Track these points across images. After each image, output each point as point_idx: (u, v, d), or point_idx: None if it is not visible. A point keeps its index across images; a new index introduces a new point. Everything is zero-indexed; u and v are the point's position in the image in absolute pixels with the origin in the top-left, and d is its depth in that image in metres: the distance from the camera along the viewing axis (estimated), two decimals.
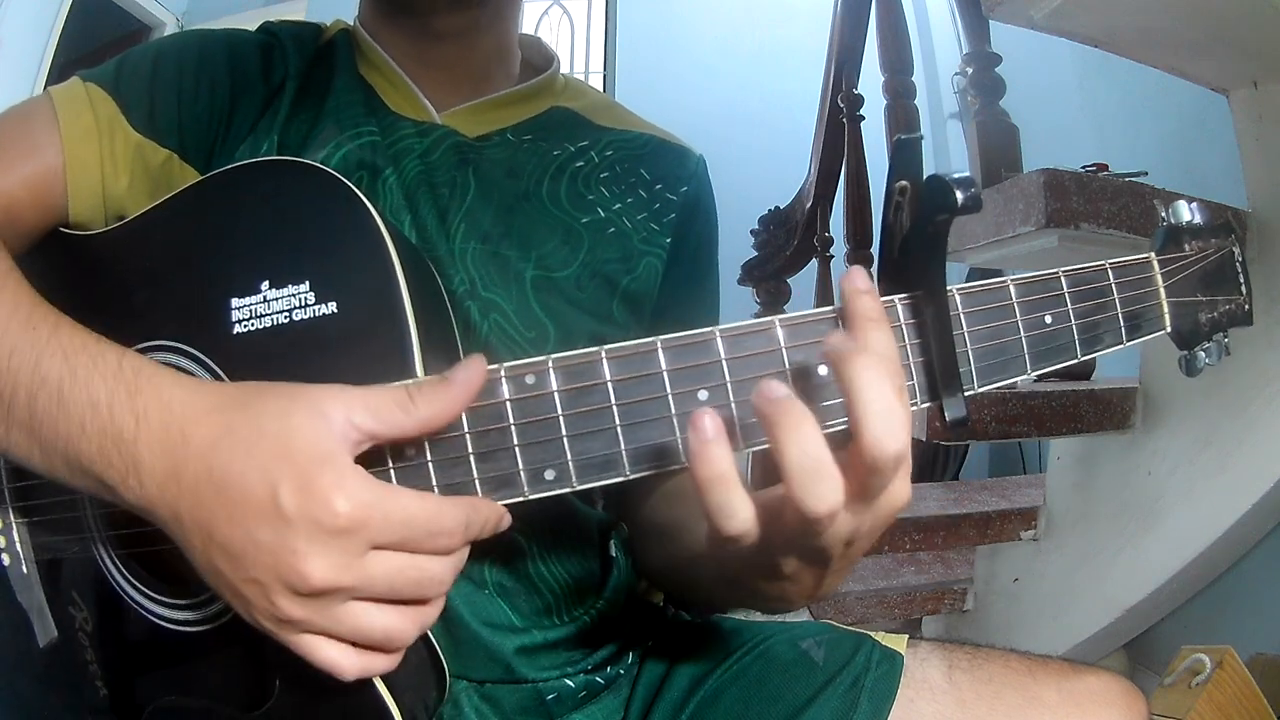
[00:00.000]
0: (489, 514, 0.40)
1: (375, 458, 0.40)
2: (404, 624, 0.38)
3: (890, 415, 0.33)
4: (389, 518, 0.36)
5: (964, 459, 2.80)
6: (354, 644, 0.38)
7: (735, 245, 1.96)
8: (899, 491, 0.36)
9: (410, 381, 0.40)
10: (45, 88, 0.64)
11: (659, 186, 0.68)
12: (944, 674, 0.56)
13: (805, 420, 0.34)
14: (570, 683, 0.61)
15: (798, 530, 0.35)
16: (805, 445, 0.33)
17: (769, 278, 2.02)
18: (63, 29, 3.09)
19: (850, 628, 0.62)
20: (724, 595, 0.56)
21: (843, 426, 0.39)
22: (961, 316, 0.41)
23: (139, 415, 0.38)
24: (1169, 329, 0.46)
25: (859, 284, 0.37)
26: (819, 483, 0.34)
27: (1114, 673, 0.56)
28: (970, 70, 1.58)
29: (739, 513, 0.35)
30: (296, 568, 0.35)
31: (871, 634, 0.60)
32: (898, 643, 0.59)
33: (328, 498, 0.35)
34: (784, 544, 0.37)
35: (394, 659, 0.40)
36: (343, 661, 0.38)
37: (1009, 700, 0.54)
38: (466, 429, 0.40)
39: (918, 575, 1.73)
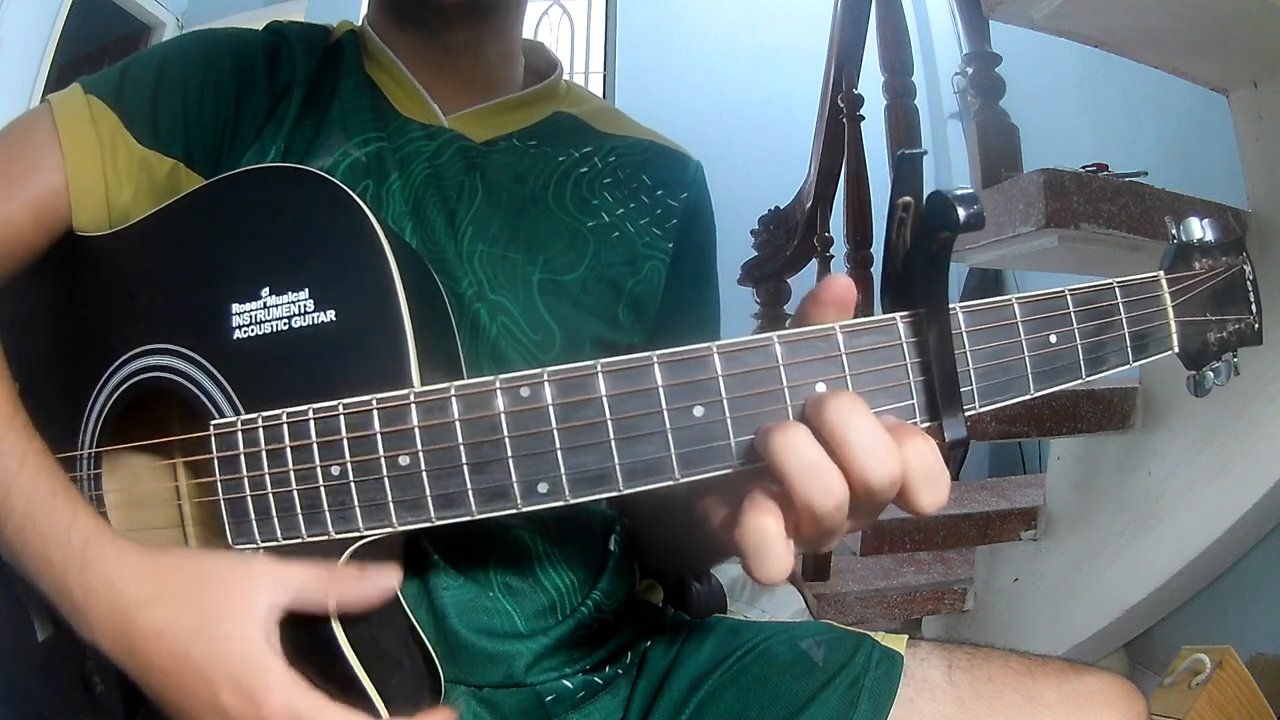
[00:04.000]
0: None
1: (371, 468, 0.40)
2: None
3: (875, 447, 0.35)
4: None
5: (964, 459, 2.80)
6: None
7: (735, 245, 1.96)
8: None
9: (338, 563, 0.43)
10: (45, 88, 0.64)
11: (660, 192, 0.69)
12: (944, 674, 0.56)
13: (795, 425, 0.35)
14: (568, 683, 0.61)
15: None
16: (807, 449, 0.35)
17: (769, 278, 2.02)
18: (63, 29, 3.08)
19: (850, 628, 0.62)
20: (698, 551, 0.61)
21: None
22: (964, 335, 0.40)
23: (87, 589, 0.42)
24: (1176, 349, 0.45)
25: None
26: (819, 479, 0.35)
27: (1114, 673, 0.56)
28: (970, 70, 1.58)
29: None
30: None
31: (871, 634, 0.60)
32: (897, 643, 0.59)
33: (261, 704, 0.40)
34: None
35: None
36: None
37: (1008, 700, 0.54)
38: (461, 440, 0.39)
39: (918, 575, 1.73)
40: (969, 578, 1.69)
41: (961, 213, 0.36)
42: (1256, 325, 0.48)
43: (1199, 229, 0.47)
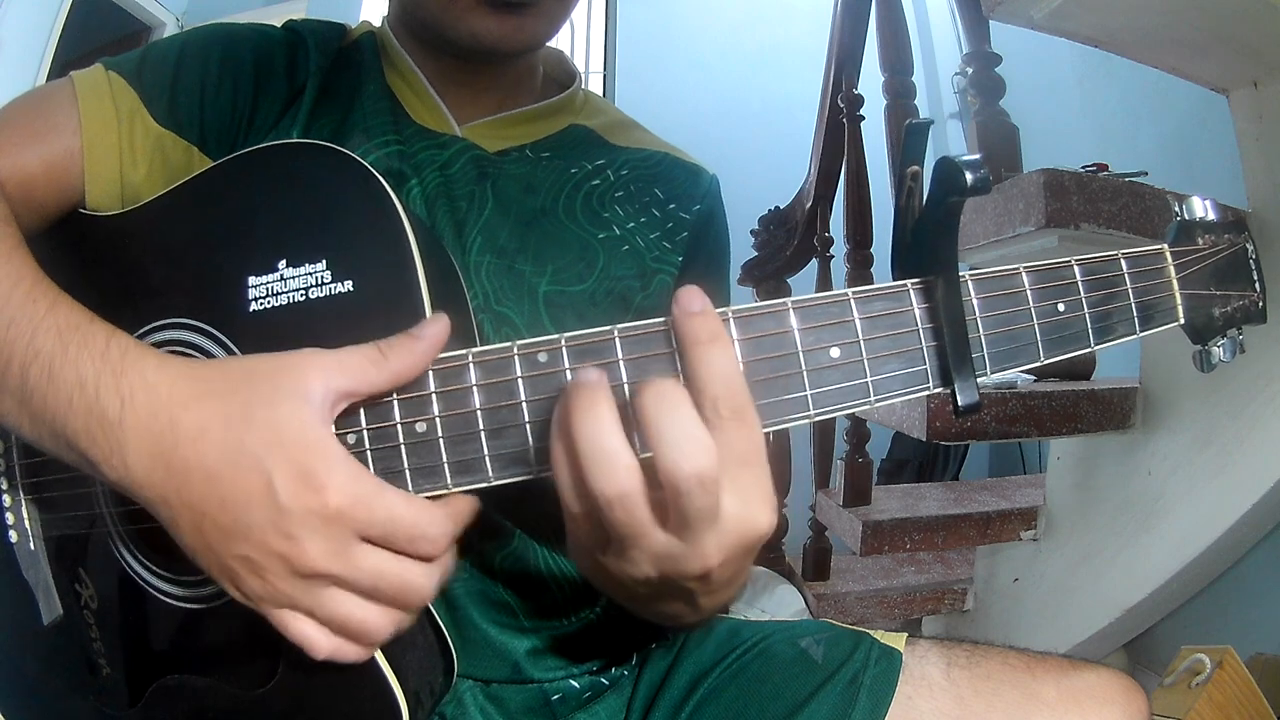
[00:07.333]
0: (467, 511, 0.41)
1: (388, 434, 0.41)
2: (380, 621, 0.40)
3: (682, 440, 0.34)
4: (374, 511, 0.38)
5: (964, 459, 2.81)
6: (330, 628, 0.39)
7: (735, 245, 1.95)
8: (742, 516, 0.36)
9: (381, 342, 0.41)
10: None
11: (672, 206, 0.68)
12: (943, 671, 0.56)
13: (599, 404, 0.35)
14: (575, 683, 0.61)
15: (616, 535, 0.36)
16: (596, 428, 0.35)
17: (769, 278, 2.02)
18: (63, 29, 3.08)
19: (849, 626, 0.62)
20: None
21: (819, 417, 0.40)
22: (974, 302, 0.41)
23: (124, 398, 0.38)
24: (1182, 320, 0.46)
25: (690, 306, 0.37)
26: (602, 463, 0.34)
27: (1114, 669, 0.56)
28: (970, 70, 1.58)
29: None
30: (293, 550, 0.37)
31: (870, 632, 0.60)
32: (896, 640, 0.59)
33: (321, 486, 0.37)
34: (614, 556, 0.38)
35: (365, 652, 0.41)
36: (317, 640, 0.39)
37: (1007, 697, 0.54)
38: (479, 405, 0.40)
39: (918, 575, 1.74)
40: (969, 578, 1.70)
41: (969, 176, 0.36)
42: (1261, 303, 0.48)
43: (1201, 208, 0.48)
